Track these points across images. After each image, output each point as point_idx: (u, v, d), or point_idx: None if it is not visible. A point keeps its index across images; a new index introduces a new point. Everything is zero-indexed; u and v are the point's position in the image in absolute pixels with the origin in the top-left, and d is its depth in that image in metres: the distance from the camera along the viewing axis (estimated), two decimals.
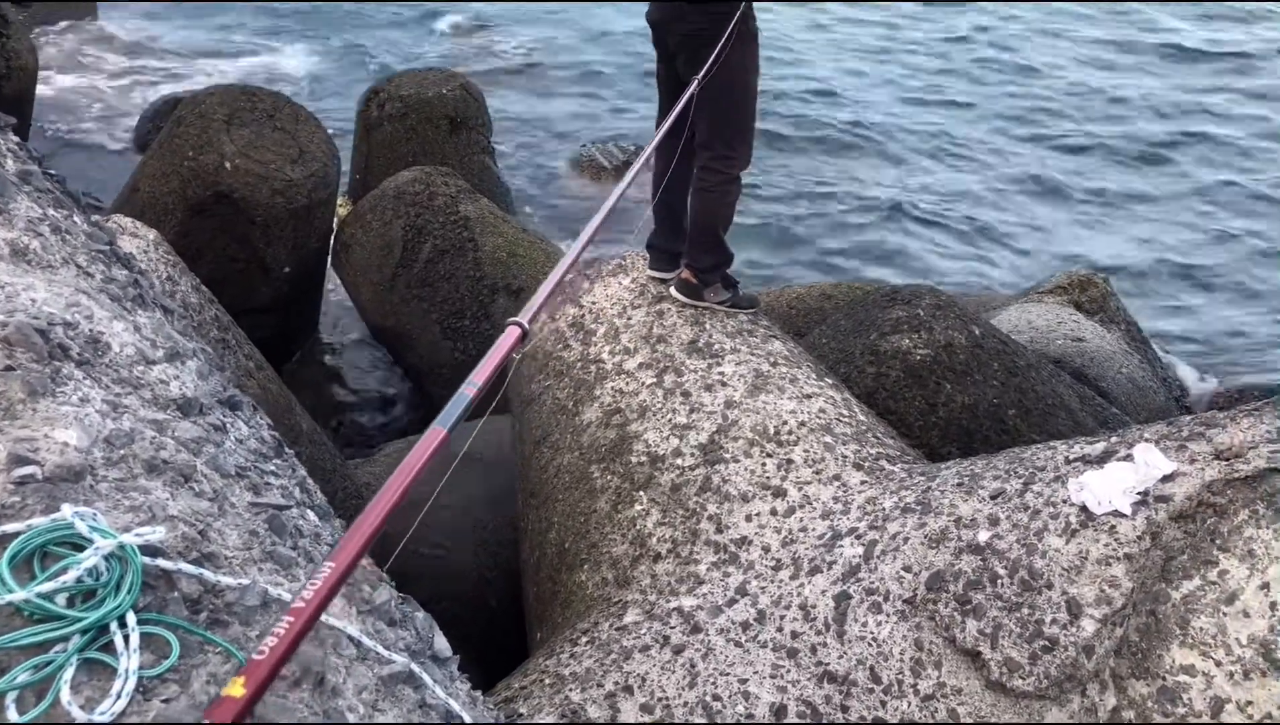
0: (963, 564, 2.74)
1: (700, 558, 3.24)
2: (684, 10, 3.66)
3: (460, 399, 1.52)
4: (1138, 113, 13.28)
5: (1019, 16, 16.83)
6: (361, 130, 8.14)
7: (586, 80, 13.10)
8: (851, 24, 16.20)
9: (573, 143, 11.23)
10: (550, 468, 3.87)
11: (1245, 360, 8.22)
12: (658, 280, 4.23)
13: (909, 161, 11.58)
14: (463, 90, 8.16)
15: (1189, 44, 15.88)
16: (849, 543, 3.03)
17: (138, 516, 1.45)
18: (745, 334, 4.02)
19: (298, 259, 6.53)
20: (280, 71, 12.64)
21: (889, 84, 13.88)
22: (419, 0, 15.49)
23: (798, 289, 6.33)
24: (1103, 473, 2.73)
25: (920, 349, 4.25)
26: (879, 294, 4.73)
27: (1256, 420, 2.65)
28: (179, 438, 1.60)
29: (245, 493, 1.62)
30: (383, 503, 1.31)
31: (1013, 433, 4.13)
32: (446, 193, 6.49)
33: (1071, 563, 2.59)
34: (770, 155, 11.12)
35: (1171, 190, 11.11)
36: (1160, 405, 5.53)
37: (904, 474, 3.30)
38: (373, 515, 1.29)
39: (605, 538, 3.48)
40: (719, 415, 3.61)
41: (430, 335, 6.33)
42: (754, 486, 3.36)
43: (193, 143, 6.22)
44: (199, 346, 1.91)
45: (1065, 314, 5.92)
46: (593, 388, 3.94)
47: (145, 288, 1.89)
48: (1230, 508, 2.54)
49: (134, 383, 1.65)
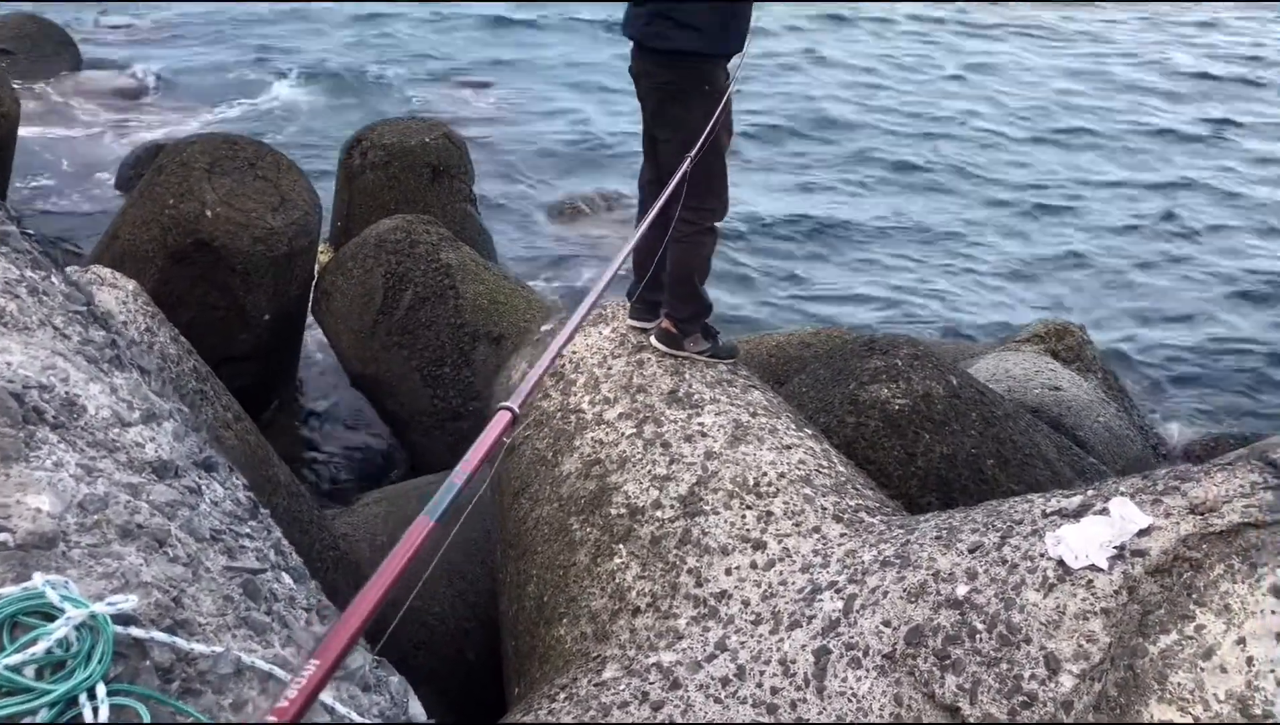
0: (941, 618, 2.74)
1: (680, 612, 3.22)
2: (650, 61, 3.71)
3: (449, 488, 1.47)
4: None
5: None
6: (343, 178, 8.18)
7: (568, 126, 13.21)
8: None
9: (554, 189, 11.31)
10: (529, 519, 3.85)
11: (1219, 405, 8.30)
12: (637, 330, 4.25)
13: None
14: (445, 138, 8.21)
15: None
16: (829, 597, 3.02)
17: (111, 583, 1.44)
18: (725, 384, 4.03)
19: (278, 307, 6.52)
20: (265, 115, 12.69)
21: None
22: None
23: (777, 337, 6.37)
24: (1079, 527, 2.74)
25: (899, 399, 4.28)
26: (857, 343, 4.76)
27: (1230, 474, 2.67)
28: (154, 502, 1.59)
29: (220, 557, 1.61)
30: (369, 596, 1.28)
31: (991, 482, 4.15)
32: (428, 240, 6.51)
33: (1049, 617, 2.60)
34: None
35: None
36: (1137, 454, 5.57)
37: (883, 526, 3.31)
38: (359, 610, 1.26)
39: (584, 591, 3.46)
40: (699, 466, 3.61)
41: (410, 383, 6.32)
42: (734, 539, 3.36)
43: (173, 191, 6.23)
44: (175, 407, 1.91)
45: (1042, 363, 5.97)
46: (572, 438, 3.94)
47: (122, 348, 1.89)
48: (1206, 562, 2.55)
49: (109, 446, 1.64)
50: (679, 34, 3.61)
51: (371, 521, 5.02)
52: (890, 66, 16.49)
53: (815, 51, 16.75)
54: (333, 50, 15.66)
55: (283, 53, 15.37)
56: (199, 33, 15.75)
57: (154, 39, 15.28)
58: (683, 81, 3.68)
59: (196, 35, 15.61)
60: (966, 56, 17.16)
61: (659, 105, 3.76)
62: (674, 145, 3.76)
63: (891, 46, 17.57)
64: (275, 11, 17.25)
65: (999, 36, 18.52)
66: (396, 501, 5.17)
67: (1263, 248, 11.22)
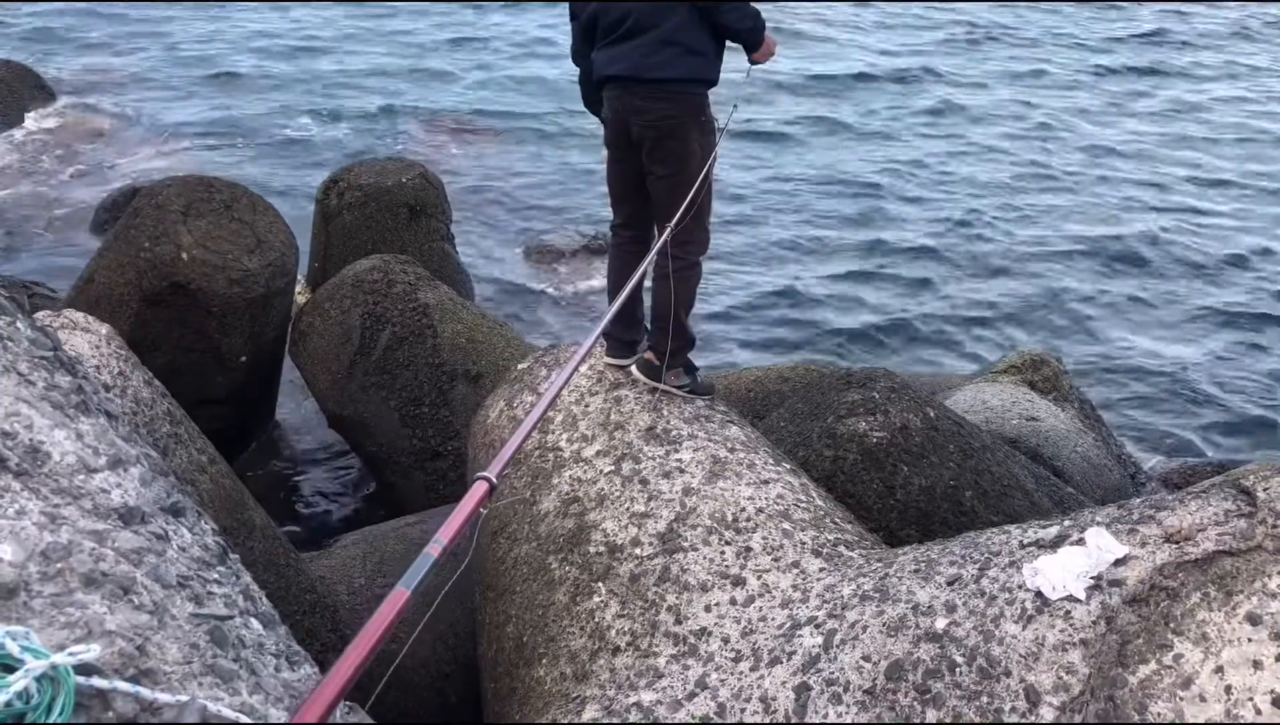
0: (921, 652, 2.73)
1: (660, 650, 3.20)
2: (644, 96, 3.65)
3: (425, 559, 1.44)
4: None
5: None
6: (320, 218, 8.17)
7: (548, 167, 13.28)
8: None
9: (534, 228, 11.34)
10: (508, 559, 3.82)
11: (1195, 432, 8.36)
12: (615, 367, 4.25)
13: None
14: (422, 178, 8.23)
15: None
16: (808, 632, 3.01)
17: (73, 633, 1.42)
18: (703, 419, 4.03)
19: (255, 348, 6.49)
20: (237, 164, 12.69)
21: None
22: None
23: (756, 371, 6.38)
24: (1056, 557, 2.74)
25: (876, 432, 4.29)
26: (834, 377, 4.77)
27: (1204, 502, 2.68)
28: (119, 548, 1.57)
29: (187, 603, 1.59)
30: (345, 667, 1.26)
31: (970, 514, 4.15)
32: (405, 280, 6.51)
33: (1028, 649, 2.59)
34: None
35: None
36: (1115, 483, 5.59)
37: (862, 560, 3.30)
38: (334, 681, 1.24)
39: (564, 631, 3.43)
40: (677, 503, 3.60)
41: (388, 423, 6.29)
42: (713, 575, 3.35)
43: (149, 233, 6.21)
44: (143, 451, 1.89)
45: (1019, 393, 6.00)
46: (550, 476, 3.92)
47: (89, 393, 1.87)
48: (1182, 591, 2.56)
49: (74, 492, 1.62)
50: (687, 60, 3.60)
51: (349, 563, 4.97)
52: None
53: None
54: (314, 90, 15.72)
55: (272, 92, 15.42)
56: (175, 75, 15.78)
57: (129, 80, 15.30)
58: (681, 113, 3.67)
59: (171, 78, 15.64)
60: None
61: (656, 142, 3.70)
62: (669, 181, 3.75)
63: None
64: (254, 49, 17.38)
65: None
66: (375, 543, 5.12)
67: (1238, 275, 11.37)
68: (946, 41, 20.05)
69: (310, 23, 19.10)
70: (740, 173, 13.14)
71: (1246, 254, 11.93)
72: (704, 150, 3.74)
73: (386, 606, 1.36)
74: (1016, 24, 21.42)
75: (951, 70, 18.25)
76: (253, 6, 19.58)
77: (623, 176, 3.94)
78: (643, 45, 3.61)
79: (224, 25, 18.49)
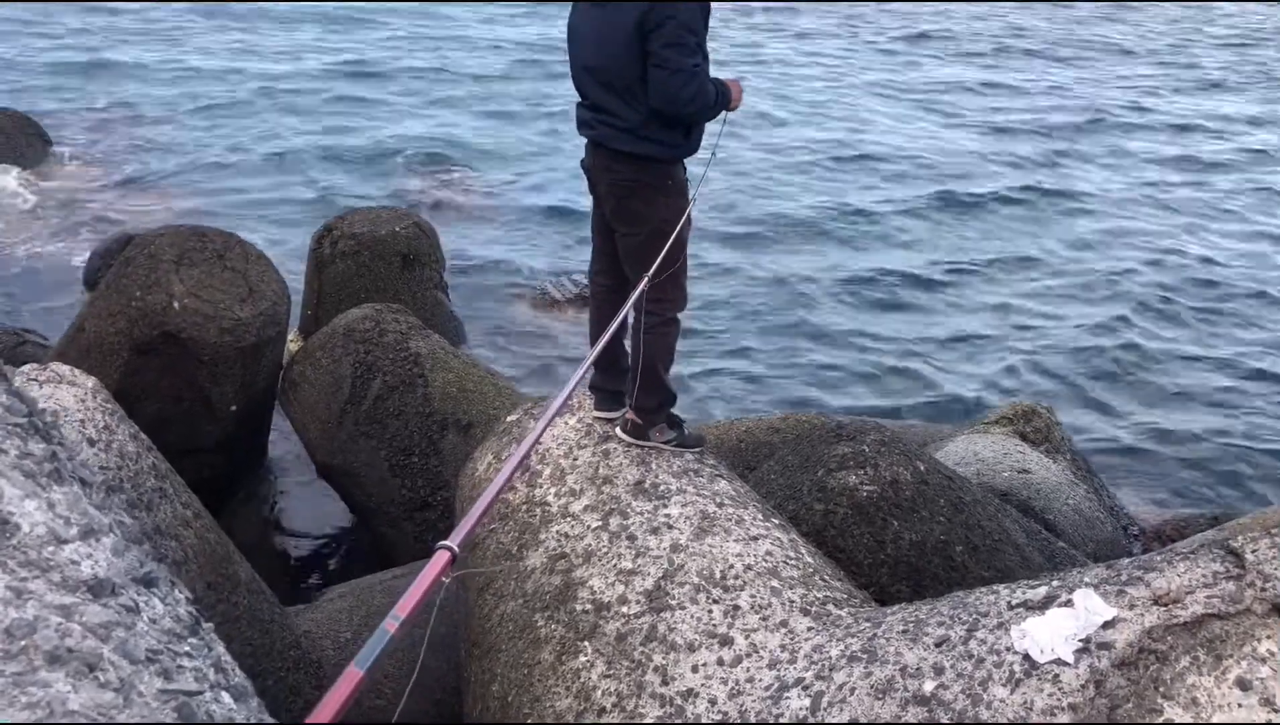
0: (909, 716, 2.69)
1: (646, 712, 3.15)
2: (612, 156, 3.68)
3: (381, 635, 1.38)
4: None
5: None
6: (313, 267, 8.19)
7: (541, 214, 13.34)
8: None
9: (526, 275, 11.38)
10: (494, 616, 3.78)
11: (1188, 484, 8.33)
12: (603, 420, 4.23)
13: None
14: (415, 227, 8.27)
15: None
16: (796, 694, 2.97)
17: (34, 714, 1.39)
18: (691, 474, 4.01)
19: (245, 398, 6.47)
20: (234, 209, 12.74)
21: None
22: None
23: (746, 422, 6.36)
24: (1045, 619, 2.71)
25: (866, 485, 4.26)
26: (825, 429, 4.76)
27: (1192, 564, 2.66)
28: (86, 623, 1.54)
29: (155, 679, 1.56)
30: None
31: (961, 570, 4.12)
32: (397, 329, 6.50)
33: (1017, 713, 2.56)
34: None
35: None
36: (1107, 536, 5.56)
37: (850, 619, 3.26)
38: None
39: (549, 691, 3.39)
40: (665, 559, 3.57)
41: (378, 473, 6.25)
42: (700, 635, 3.31)
43: (140, 282, 6.21)
44: (116, 519, 1.87)
45: (1011, 445, 5.98)
46: (538, 532, 3.89)
47: (63, 461, 1.85)
48: (1171, 654, 2.53)
49: (43, 565, 1.60)
50: (651, 144, 3.59)
51: (336, 617, 4.91)
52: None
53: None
54: (308, 131, 15.85)
55: (259, 138, 15.53)
56: (172, 121, 15.90)
57: (124, 127, 15.41)
58: (646, 178, 3.68)
59: (169, 124, 15.75)
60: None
61: (619, 202, 3.75)
62: (633, 240, 3.77)
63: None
64: (249, 90, 17.57)
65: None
66: (362, 596, 5.07)
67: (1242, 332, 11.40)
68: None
69: (309, 69, 19.33)
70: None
71: (1245, 299, 12.01)
72: (671, 211, 3.72)
73: (339, 688, 1.31)
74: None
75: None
76: (270, 56, 19.89)
77: (600, 225, 3.96)
78: (610, 122, 3.62)
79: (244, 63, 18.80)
